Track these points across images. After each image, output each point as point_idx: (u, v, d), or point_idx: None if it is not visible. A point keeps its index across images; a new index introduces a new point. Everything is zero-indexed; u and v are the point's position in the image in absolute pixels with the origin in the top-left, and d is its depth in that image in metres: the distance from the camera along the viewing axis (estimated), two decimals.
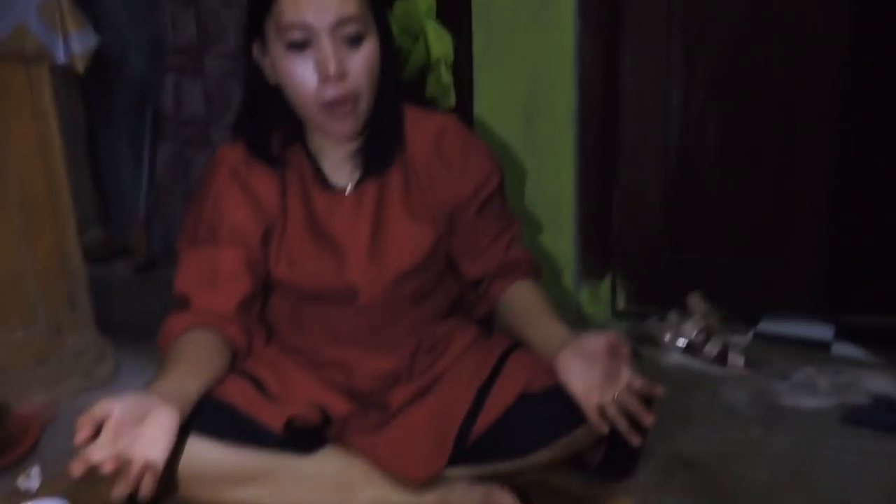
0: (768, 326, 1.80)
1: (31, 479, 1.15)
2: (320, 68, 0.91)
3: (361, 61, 0.94)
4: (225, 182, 1.04)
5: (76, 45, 1.44)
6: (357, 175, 1.06)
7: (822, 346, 1.69)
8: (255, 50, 1.00)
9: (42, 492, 1.13)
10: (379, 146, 1.04)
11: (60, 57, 1.43)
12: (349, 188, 1.05)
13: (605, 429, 0.87)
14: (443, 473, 0.96)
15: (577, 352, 0.91)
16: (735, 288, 1.83)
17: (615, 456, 1.02)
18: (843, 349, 1.66)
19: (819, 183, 1.74)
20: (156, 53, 2.49)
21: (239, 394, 0.92)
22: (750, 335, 1.70)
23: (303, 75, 0.93)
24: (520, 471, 1.01)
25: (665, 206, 1.84)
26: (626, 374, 0.88)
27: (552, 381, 0.93)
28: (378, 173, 1.05)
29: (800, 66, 1.70)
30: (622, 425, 0.86)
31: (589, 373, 0.89)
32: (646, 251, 1.87)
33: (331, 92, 0.93)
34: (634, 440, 0.86)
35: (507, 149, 1.76)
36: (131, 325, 2.00)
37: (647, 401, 0.88)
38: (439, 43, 1.79)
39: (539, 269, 1.15)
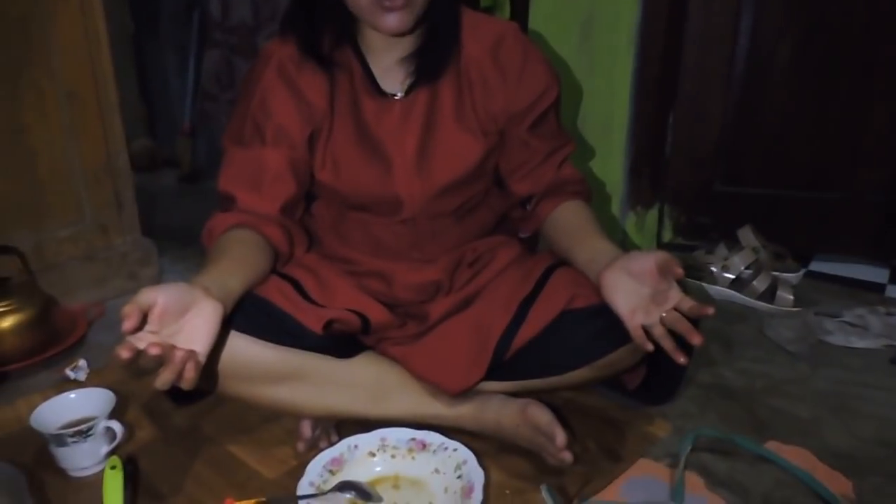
0: (821, 266, 1.74)
1: (79, 369, 1.19)
2: None
3: None
4: (272, 79, 1.00)
5: None
6: (409, 81, 1.01)
7: (876, 289, 1.63)
8: None
9: (89, 382, 1.17)
10: (433, 51, 0.99)
11: None
12: (399, 94, 1.02)
13: (648, 347, 0.85)
14: (479, 386, 0.96)
15: (625, 269, 0.88)
16: (789, 224, 1.76)
17: (654, 381, 1.01)
18: None
19: (894, 120, 1.64)
20: None
21: (280, 294, 0.91)
22: (801, 273, 1.64)
23: None
24: (557, 388, 1.00)
25: (723, 134, 1.75)
26: (675, 294, 0.84)
27: (597, 297, 0.91)
28: (431, 80, 1.00)
29: None
30: (668, 345, 0.83)
31: (636, 291, 0.86)
32: (698, 181, 1.80)
33: None
34: (680, 359, 0.83)
35: (561, 66, 1.68)
36: (175, 233, 2.04)
37: (695, 323, 0.85)
38: None
39: (589, 190, 1.12)
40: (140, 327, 0.75)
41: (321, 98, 1.01)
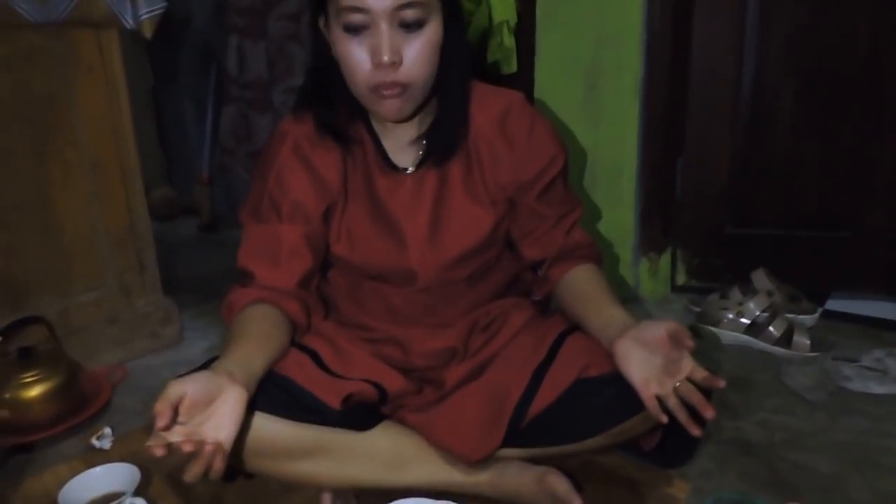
0: (837, 305, 1.73)
1: (104, 438, 1.21)
2: (373, 55, 0.89)
3: (419, 48, 0.91)
4: (288, 157, 1.03)
5: (144, 10, 1.46)
6: (420, 156, 1.04)
7: (893, 326, 1.62)
8: (321, 23, 0.98)
9: (115, 450, 1.19)
10: (444, 129, 1.02)
11: (129, 22, 1.46)
12: (411, 168, 1.05)
13: (663, 419, 0.86)
14: (496, 453, 0.97)
15: (637, 339, 0.89)
16: (803, 264, 1.76)
17: (671, 443, 1.01)
18: None
19: None
20: (220, 13, 2.51)
21: (299, 368, 0.93)
22: (817, 314, 1.64)
23: (357, 58, 0.91)
24: (573, 454, 1.01)
25: (731, 177, 1.77)
26: (687, 365, 0.85)
27: (610, 366, 0.92)
28: (442, 157, 1.03)
29: (885, 28, 1.58)
30: (682, 417, 0.84)
31: (648, 361, 0.87)
32: (709, 224, 1.81)
33: (381, 77, 0.90)
34: (695, 431, 0.84)
35: (569, 116, 1.71)
36: (196, 284, 2.08)
37: (707, 393, 0.86)
38: (502, 5, 1.74)
39: (599, 254, 1.13)
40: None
41: (335, 175, 1.04)
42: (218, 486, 1.08)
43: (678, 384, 0.85)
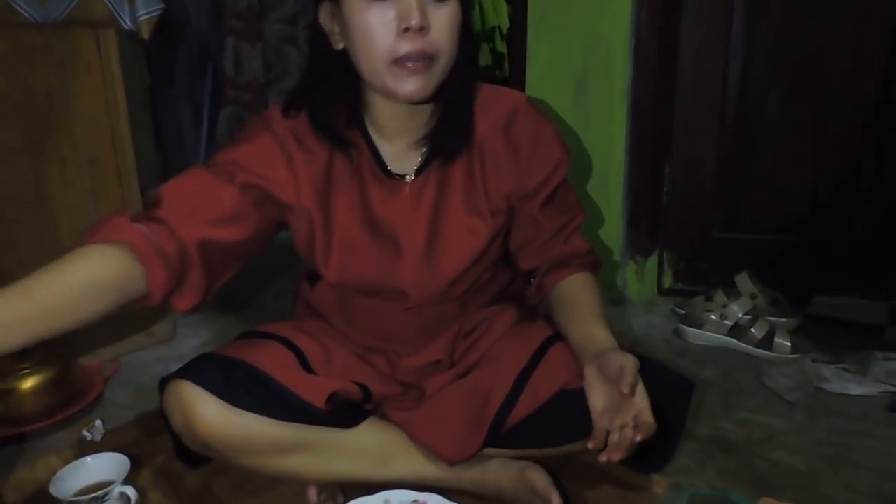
0: (819, 308, 1.76)
1: (95, 430, 1.23)
2: (402, 18, 0.83)
3: (445, 18, 0.86)
4: (270, 140, 0.95)
5: (142, 11, 1.49)
6: (420, 162, 1.00)
7: (875, 330, 1.65)
8: (323, 15, 0.92)
9: (105, 442, 1.21)
10: (450, 129, 0.97)
11: (127, 23, 1.48)
12: (410, 176, 1.00)
13: (601, 458, 0.86)
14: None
15: (600, 369, 0.89)
16: (787, 267, 1.79)
17: (648, 448, 1.03)
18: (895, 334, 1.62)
19: (884, 158, 1.68)
20: (218, 15, 2.54)
21: (284, 369, 0.95)
22: (799, 317, 1.67)
23: (380, 26, 0.84)
24: (553, 456, 1.03)
25: (717, 181, 1.80)
26: (638, 404, 0.85)
27: None
28: (446, 161, 0.99)
29: (868, 31, 1.62)
30: (614, 456, 0.85)
31: (609, 393, 0.88)
32: (695, 228, 1.84)
33: (407, 46, 0.84)
34: (615, 457, 0.85)
35: (558, 120, 1.74)
36: None
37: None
38: (495, 11, 1.77)
39: (597, 260, 1.11)
40: None
41: (310, 185, 0.97)
42: (207, 478, 1.10)
43: (622, 425, 0.85)
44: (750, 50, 1.71)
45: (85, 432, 1.23)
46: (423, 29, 0.84)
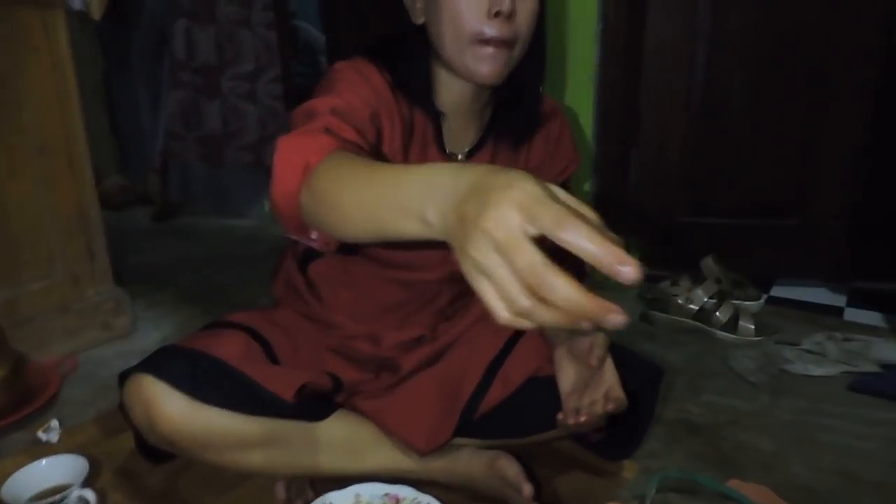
0: (781, 291, 1.79)
1: (51, 430, 1.19)
2: (494, 2, 0.86)
3: (530, 8, 0.89)
4: (367, 89, 0.90)
5: None
6: (472, 143, 1.02)
7: (835, 312, 1.69)
8: None
9: (62, 444, 1.17)
10: (515, 116, 1.00)
11: (76, 2, 1.42)
12: (461, 156, 1.02)
13: (570, 426, 0.89)
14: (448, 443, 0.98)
15: (571, 350, 0.92)
16: (751, 251, 1.82)
17: (616, 435, 1.04)
18: (855, 315, 1.66)
19: (848, 144, 1.71)
20: None
21: (250, 362, 0.92)
22: (763, 300, 1.70)
23: (472, 6, 0.87)
24: (524, 445, 1.03)
25: (683, 167, 1.81)
26: (608, 381, 0.89)
27: None
28: (512, 144, 1.03)
29: (835, 20, 1.64)
30: (583, 428, 0.89)
31: (578, 373, 0.91)
32: (661, 214, 1.85)
33: (494, 30, 0.87)
34: (581, 419, 0.88)
35: None
36: (148, 275, 2.05)
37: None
38: None
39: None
40: None
41: (398, 134, 0.95)
42: (170, 477, 1.07)
43: (589, 402, 0.88)
44: (716, 35, 1.72)
45: (40, 433, 1.19)
46: (511, 15, 0.87)
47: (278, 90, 2.40)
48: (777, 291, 1.80)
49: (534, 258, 0.44)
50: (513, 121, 1.02)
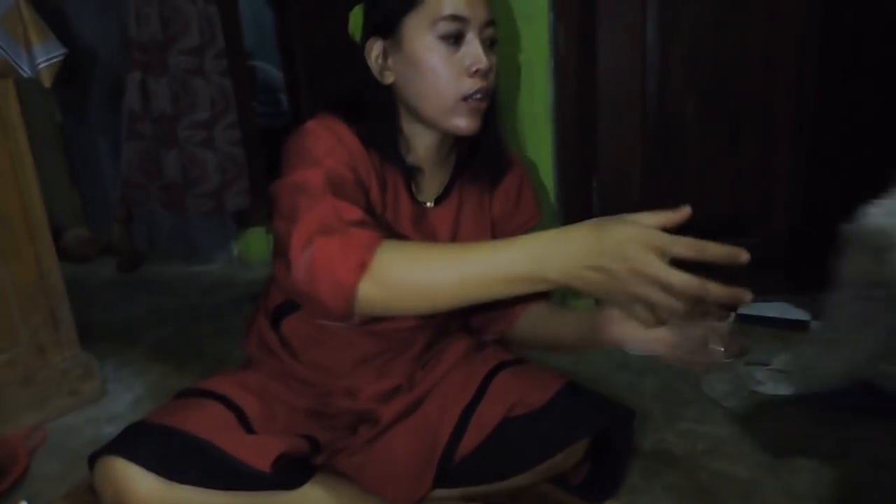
0: (749, 308, 1.82)
1: None
2: (472, 62, 0.90)
3: (495, 62, 0.94)
4: (341, 148, 0.90)
5: (41, 57, 1.42)
6: (438, 192, 1.04)
7: (802, 326, 1.72)
8: (374, 51, 0.95)
9: None
10: (486, 159, 1.04)
11: (26, 71, 1.40)
12: (430, 203, 1.04)
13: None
14: (429, 494, 0.98)
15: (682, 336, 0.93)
16: (714, 271, 1.84)
17: (598, 476, 1.04)
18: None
19: (798, 158, 1.76)
20: (127, 49, 2.45)
21: (224, 432, 0.91)
22: (730, 321, 1.72)
23: (449, 67, 0.91)
24: (503, 493, 1.03)
25: (643, 191, 1.84)
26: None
27: (537, 402, 0.96)
28: (481, 187, 1.06)
29: (778, 39, 1.69)
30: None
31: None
32: None
33: (473, 86, 0.91)
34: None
35: None
36: (115, 332, 2.01)
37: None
38: None
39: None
40: None
41: (376, 190, 0.96)
42: None
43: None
44: (665, 63, 1.76)
45: None
46: (488, 71, 0.92)
47: (236, 136, 2.40)
48: (745, 308, 1.82)
49: (681, 276, 0.66)
50: (478, 164, 1.04)
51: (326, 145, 0.89)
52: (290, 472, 0.94)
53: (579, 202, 1.83)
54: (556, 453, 0.95)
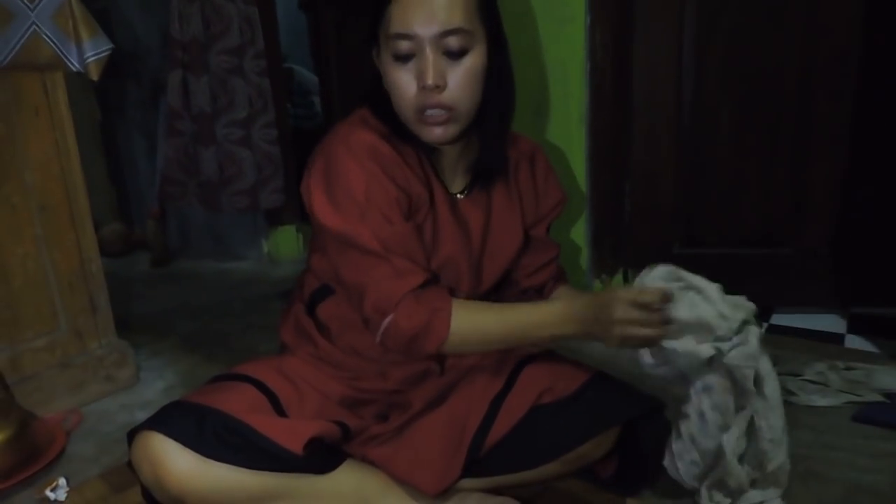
0: (782, 319, 1.80)
1: (59, 489, 1.19)
2: (419, 78, 0.92)
3: (461, 74, 0.93)
4: (378, 170, 0.95)
5: (90, 52, 1.45)
6: (465, 185, 1.08)
7: (836, 339, 1.70)
8: (374, 54, 1.00)
9: (70, 501, 1.17)
10: (487, 157, 1.05)
11: (75, 65, 1.44)
12: (461, 195, 1.07)
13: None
14: (457, 485, 0.98)
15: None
16: (748, 281, 1.81)
17: (626, 470, 1.04)
18: (855, 341, 1.67)
19: (835, 170, 1.74)
20: (168, 48, 2.50)
21: (257, 414, 0.93)
22: (763, 329, 1.70)
23: (404, 83, 0.94)
24: (531, 483, 1.03)
25: (676, 198, 1.83)
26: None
27: (566, 390, 0.97)
28: (486, 184, 1.09)
29: (814, 50, 1.68)
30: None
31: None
32: (657, 245, 1.87)
33: (425, 100, 0.93)
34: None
35: None
36: (149, 323, 2.05)
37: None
38: None
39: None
40: None
41: (418, 185, 1.00)
42: None
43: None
44: (701, 71, 1.75)
45: (48, 492, 1.18)
46: (438, 87, 0.92)
47: (272, 135, 2.43)
48: (777, 319, 1.81)
49: (652, 316, 0.90)
50: (487, 162, 1.06)
51: (364, 179, 0.94)
52: (322, 457, 0.95)
53: (611, 207, 1.83)
54: (585, 441, 0.95)
